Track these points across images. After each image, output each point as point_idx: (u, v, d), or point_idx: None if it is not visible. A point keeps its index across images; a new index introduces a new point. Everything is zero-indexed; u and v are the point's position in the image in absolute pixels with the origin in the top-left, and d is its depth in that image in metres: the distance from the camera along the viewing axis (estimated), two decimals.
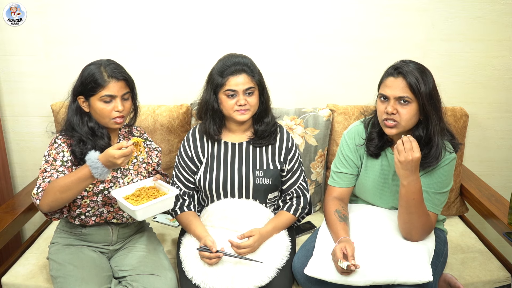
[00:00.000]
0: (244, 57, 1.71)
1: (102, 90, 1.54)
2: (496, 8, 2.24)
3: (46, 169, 1.56)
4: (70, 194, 1.48)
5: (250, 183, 1.74)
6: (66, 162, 1.58)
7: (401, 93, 1.48)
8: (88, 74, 1.56)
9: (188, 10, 2.23)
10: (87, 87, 1.55)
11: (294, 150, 1.81)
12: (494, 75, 2.34)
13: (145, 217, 1.54)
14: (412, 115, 1.49)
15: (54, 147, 1.59)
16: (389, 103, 1.50)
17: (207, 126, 1.75)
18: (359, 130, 1.70)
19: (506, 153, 2.47)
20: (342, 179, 1.71)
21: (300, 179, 1.81)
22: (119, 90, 1.57)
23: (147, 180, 1.66)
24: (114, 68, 1.58)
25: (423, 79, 1.47)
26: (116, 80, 1.56)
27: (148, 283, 1.56)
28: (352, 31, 2.27)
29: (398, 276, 1.46)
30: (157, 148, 1.80)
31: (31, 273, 1.78)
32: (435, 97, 1.50)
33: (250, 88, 1.68)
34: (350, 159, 1.69)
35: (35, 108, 2.33)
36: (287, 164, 1.80)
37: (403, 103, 1.48)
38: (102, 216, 1.67)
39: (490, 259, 1.89)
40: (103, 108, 1.56)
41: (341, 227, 1.60)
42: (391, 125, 1.52)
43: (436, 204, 1.58)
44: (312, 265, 1.55)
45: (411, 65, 1.51)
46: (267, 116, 1.78)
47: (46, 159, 1.58)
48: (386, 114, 1.51)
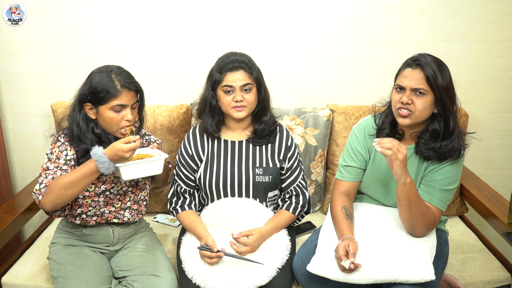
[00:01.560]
0: (243, 55, 1.73)
1: (114, 100, 1.52)
2: (496, 8, 2.24)
3: (49, 167, 1.55)
4: (75, 190, 1.47)
5: (250, 181, 1.75)
6: (69, 160, 1.57)
7: (418, 84, 1.50)
8: (99, 83, 1.52)
9: (188, 10, 2.23)
10: (98, 96, 1.52)
11: (293, 148, 1.82)
12: (494, 75, 2.34)
13: (131, 177, 1.52)
14: (426, 106, 1.51)
15: (57, 145, 1.58)
16: (405, 93, 1.52)
17: (206, 123, 1.77)
18: (369, 123, 1.71)
19: (506, 153, 2.47)
20: (350, 173, 1.71)
21: (299, 178, 1.81)
22: (130, 100, 1.55)
23: (146, 148, 1.65)
24: (127, 78, 1.56)
25: (440, 72, 1.49)
26: (128, 90, 1.54)
27: (148, 283, 1.56)
28: (352, 31, 2.27)
29: (400, 275, 1.46)
30: (157, 141, 1.81)
31: (31, 273, 1.78)
32: (451, 91, 1.52)
33: (248, 85, 1.69)
34: (358, 152, 1.69)
35: (35, 108, 2.33)
36: (287, 163, 1.80)
37: (419, 94, 1.50)
38: (104, 216, 1.67)
39: (490, 259, 1.89)
40: (113, 117, 1.54)
41: (346, 224, 1.60)
42: (405, 115, 1.53)
43: (442, 200, 1.57)
44: (315, 262, 1.55)
45: (429, 58, 1.52)
46: (266, 114, 1.78)
47: (49, 157, 1.57)
48: (401, 103, 1.53)
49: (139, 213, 1.75)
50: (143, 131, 1.79)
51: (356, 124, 1.75)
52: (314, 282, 1.60)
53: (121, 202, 1.69)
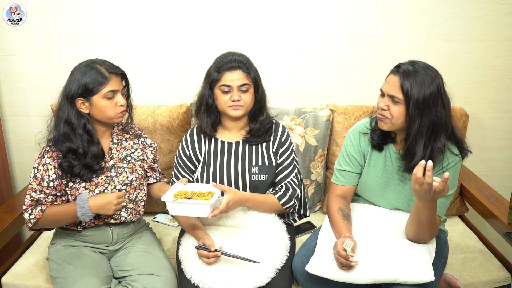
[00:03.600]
0: (241, 55, 1.74)
1: (105, 86, 1.55)
2: (496, 8, 2.24)
3: (35, 189, 1.58)
4: (60, 224, 1.64)
5: (247, 180, 1.75)
6: (52, 181, 1.58)
7: (393, 92, 1.50)
8: (86, 75, 1.55)
9: (187, 10, 2.23)
10: (88, 87, 1.55)
11: (287, 145, 1.81)
12: (494, 75, 2.34)
13: (176, 213, 1.55)
14: (401, 114, 1.50)
15: (42, 162, 1.59)
16: (384, 99, 1.54)
17: (202, 122, 1.78)
18: (364, 123, 1.72)
19: (506, 153, 2.47)
20: (345, 177, 1.71)
21: (291, 175, 1.79)
22: (119, 85, 1.60)
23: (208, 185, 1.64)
24: (111, 64, 1.60)
25: (420, 83, 1.44)
26: (116, 75, 1.59)
27: (148, 283, 1.56)
28: (352, 31, 2.27)
29: (399, 275, 1.46)
30: (152, 145, 1.81)
31: (31, 273, 1.78)
32: (432, 103, 1.45)
33: (245, 85, 1.70)
34: (353, 157, 1.69)
35: (35, 108, 2.33)
36: (279, 157, 1.79)
37: (394, 102, 1.50)
38: (101, 218, 1.67)
39: (490, 259, 1.89)
40: (107, 105, 1.57)
41: (344, 225, 1.60)
42: (382, 119, 1.55)
43: (440, 207, 1.57)
44: (314, 263, 1.55)
45: (416, 66, 1.48)
46: (262, 114, 1.79)
47: (35, 174, 1.59)
48: (380, 108, 1.55)
49: (137, 213, 1.74)
50: (139, 132, 1.79)
51: (351, 127, 1.75)
52: (314, 282, 1.60)
53: None
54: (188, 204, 1.51)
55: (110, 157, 1.67)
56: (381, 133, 1.63)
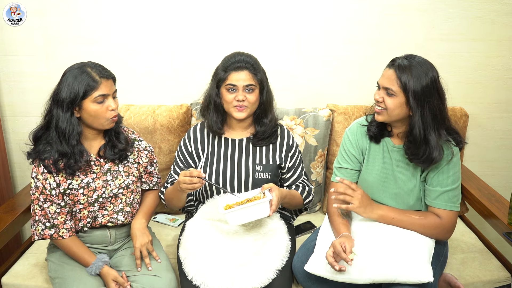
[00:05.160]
0: (249, 56, 1.75)
1: (95, 91, 1.52)
2: (496, 8, 2.24)
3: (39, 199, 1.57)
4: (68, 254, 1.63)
5: (250, 177, 1.76)
6: (53, 189, 1.57)
7: (387, 84, 1.52)
8: (77, 79, 1.51)
9: (188, 10, 2.23)
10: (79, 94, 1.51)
11: (295, 147, 1.84)
12: (494, 75, 2.34)
13: (238, 223, 1.58)
14: (396, 106, 1.52)
15: (40, 171, 1.57)
16: (379, 91, 1.56)
17: (210, 121, 1.78)
18: (360, 121, 1.73)
19: (506, 153, 2.47)
20: (345, 175, 1.72)
21: (302, 174, 1.86)
22: (110, 89, 1.57)
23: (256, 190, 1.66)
24: (102, 68, 1.57)
25: (415, 76, 1.48)
26: (107, 79, 1.56)
27: (147, 283, 1.56)
28: (352, 31, 2.27)
29: (398, 275, 1.46)
30: (147, 148, 1.77)
31: (31, 273, 1.78)
32: (428, 94, 1.48)
33: (251, 86, 1.70)
34: (352, 154, 1.70)
35: (35, 108, 2.33)
36: (288, 162, 1.81)
37: (388, 94, 1.52)
38: (97, 221, 1.66)
39: (490, 259, 1.89)
40: (97, 109, 1.54)
41: (342, 223, 1.62)
42: (378, 111, 1.57)
43: (452, 202, 1.57)
44: (313, 262, 1.55)
45: (411, 60, 1.51)
46: (266, 117, 1.79)
47: (36, 184, 1.57)
48: (376, 101, 1.58)
49: (133, 216, 1.73)
50: (133, 136, 1.76)
51: (348, 127, 1.77)
52: (314, 282, 1.60)
53: (113, 205, 1.67)
54: (249, 207, 1.54)
55: (105, 160, 1.65)
56: (378, 124, 1.66)
